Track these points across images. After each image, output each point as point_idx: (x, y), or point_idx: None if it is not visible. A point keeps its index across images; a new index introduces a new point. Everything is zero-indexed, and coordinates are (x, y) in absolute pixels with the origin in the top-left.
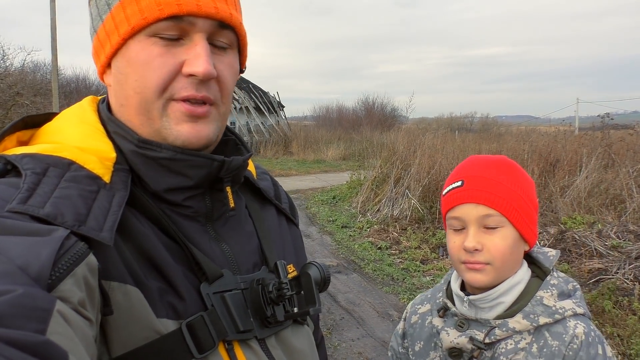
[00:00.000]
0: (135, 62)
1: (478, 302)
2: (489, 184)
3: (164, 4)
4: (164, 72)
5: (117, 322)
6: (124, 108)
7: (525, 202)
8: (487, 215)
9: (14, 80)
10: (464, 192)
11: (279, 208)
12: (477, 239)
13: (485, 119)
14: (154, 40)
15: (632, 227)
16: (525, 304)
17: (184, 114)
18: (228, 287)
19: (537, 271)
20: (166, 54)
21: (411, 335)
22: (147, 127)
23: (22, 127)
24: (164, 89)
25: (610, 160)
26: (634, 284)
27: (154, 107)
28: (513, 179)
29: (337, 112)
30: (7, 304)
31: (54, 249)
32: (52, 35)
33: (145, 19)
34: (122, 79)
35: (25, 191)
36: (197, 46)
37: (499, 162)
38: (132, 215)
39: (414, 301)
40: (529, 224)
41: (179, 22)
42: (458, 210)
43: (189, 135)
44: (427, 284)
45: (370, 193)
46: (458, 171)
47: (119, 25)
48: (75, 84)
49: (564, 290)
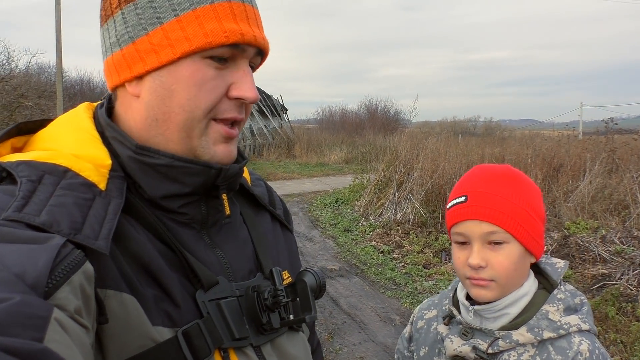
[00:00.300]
0: (188, 82)
1: (483, 312)
2: (492, 199)
3: (230, 32)
4: (216, 94)
5: (112, 330)
6: (159, 123)
7: (530, 216)
8: (492, 232)
9: (19, 82)
10: (468, 209)
11: (273, 214)
12: (482, 255)
13: (488, 123)
14: (208, 62)
15: (636, 232)
16: (531, 316)
17: (222, 135)
18: (223, 295)
19: (544, 282)
20: (218, 77)
21: (417, 339)
22: (184, 143)
23: (16, 134)
24: (211, 110)
25: (614, 165)
26: (637, 290)
27: (199, 126)
28: (517, 192)
29: (340, 115)
30: (4, 312)
31: (50, 257)
32: (57, 37)
33: (209, 43)
34: (166, 95)
35: (20, 199)
36: (244, 72)
37: (503, 175)
38: (127, 222)
39: (421, 306)
40: (534, 238)
41: (235, 49)
42: (462, 226)
43: (222, 156)
44: (429, 289)
45: (373, 197)
46: (462, 185)
47: (174, 42)
48: (80, 86)
49: (570, 305)
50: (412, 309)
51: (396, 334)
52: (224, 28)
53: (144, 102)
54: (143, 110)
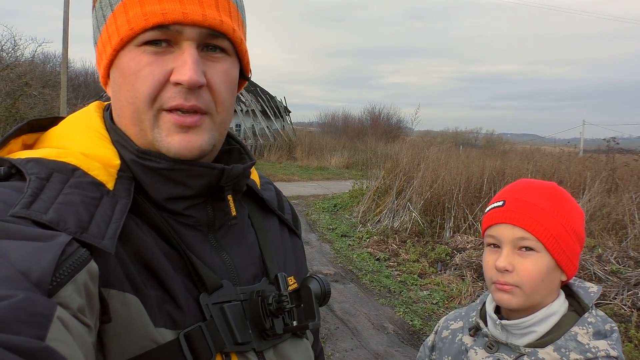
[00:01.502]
0: (126, 72)
1: (510, 328)
2: (529, 207)
3: (150, 14)
4: (153, 80)
5: (114, 331)
6: (120, 119)
7: (566, 232)
8: (522, 238)
9: (24, 70)
10: (503, 213)
11: (282, 219)
12: (509, 259)
13: (490, 136)
14: (144, 49)
15: (632, 253)
16: (558, 336)
17: (174, 125)
18: (227, 298)
19: (575, 305)
20: (154, 63)
21: (440, 349)
22: (141, 138)
23: (28, 131)
24: (153, 99)
25: (613, 184)
26: (631, 311)
27: (146, 117)
28: (557, 207)
29: (343, 120)
30: (7, 309)
31: (55, 255)
32: (64, 28)
33: (132, 29)
34: (117, 90)
35: (29, 196)
36: (184, 54)
37: (546, 188)
38: (133, 223)
39: (447, 316)
40: (567, 255)
41: (166, 31)
42: (495, 229)
43: (179, 146)
44: (423, 298)
45: (371, 203)
46: (503, 192)
47: (111, 37)
48: (84, 77)
49: (600, 330)
50: (405, 318)
51: (389, 342)
52: (145, 11)
53: (112, 100)
54: (113, 108)
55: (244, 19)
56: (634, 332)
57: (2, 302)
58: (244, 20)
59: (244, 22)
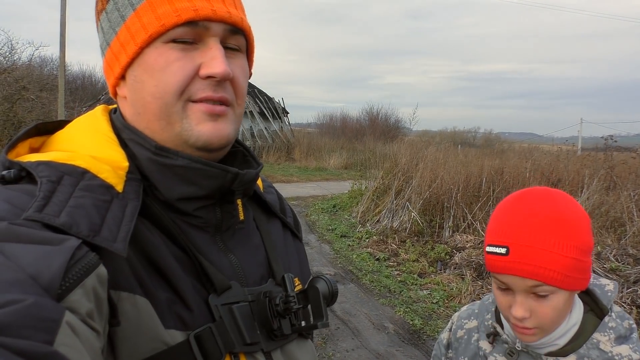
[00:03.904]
0: (153, 68)
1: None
2: (537, 255)
3: (181, 10)
4: (183, 75)
5: (125, 333)
6: (141, 116)
7: (578, 261)
8: (536, 286)
9: (21, 74)
10: (510, 264)
11: (284, 222)
12: (526, 306)
13: (488, 135)
14: (171, 45)
15: (631, 250)
16: (580, 344)
17: (205, 113)
18: (236, 299)
19: (591, 304)
20: (184, 58)
21: (456, 349)
22: (167, 131)
23: (35, 134)
24: (182, 92)
25: (612, 182)
26: (631, 308)
27: (174, 110)
28: (565, 238)
29: (341, 120)
30: (16, 314)
31: (65, 259)
32: (61, 31)
33: (163, 25)
34: (139, 87)
35: (41, 199)
36: (213, 49)
37: (546, 219)
38: (142, 224)
39: (460, 314)
40: (581, 278)
41: (195, 27)
42: (504, 278)
43: (210, 134)
44: (423, 298)
45: (370, 203)
46: (502, 229)
47: (135, 35)
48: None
49: (621, 333)
50: (405, 318)
51: (389, 342)
52: (176, 8)
53: (129, 100)
54: (130, 108)
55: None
56: None
57: (12, 307)
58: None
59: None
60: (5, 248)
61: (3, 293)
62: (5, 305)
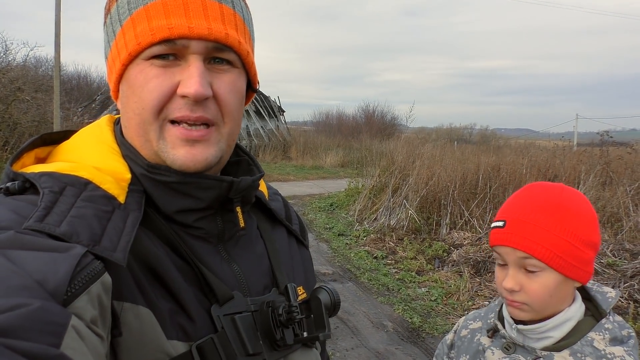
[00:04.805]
0: (134, 85)
1: (526, 332)
2: (529, 228)
3: (156, 29)
4: (160, 92)
5: (128, 343)
6: (127, 130)
7: (572, 245)
8: (526, 258)
9: (16, 75)
10: (504, 235)
11: (289, 229)
12: (516, 280)
13: (484, 131)
14: (152, 62)
15: (628, 245)
16: (575, 341)
17: (179, 138)
18: (238, 309)
19: (592, 310)
20: (162, 75)
21: (459, 347)
22: (146, 148)
23: (41, 144)
24: (159, 110)
25: (608, 178)
26: (628, 303)
27: (151, 128)
28: (561, 222)
29: (337, 118)
30: (23, 317)
31: (71, 266)
32: (55, 31)
33: (139, 44)
34: (125, 102)
35: (42, 209)
36: (190, 67)
37: (547, 201)
38: (145, 235)
39: (467, 316)
40: (576, 266)
41: (173, 45)
42: (500, 250)
43: (185, 159)
44: (422, 296)
45: (367, 202)
46: (505, 208)
47: (120, 51)
48: (77, 81)
49: (617, 336)
50: (404, 315)
51: (389, 340)
52: (152, 27)
53: (121, 113)
54: (122, 122)
55: (251, 31)
56: (632, 323)
57: (18, 311)
58: (252, 32)
59: (251, 34)
60: (13, 255)
61: (10, 297)
62: (12, 309)
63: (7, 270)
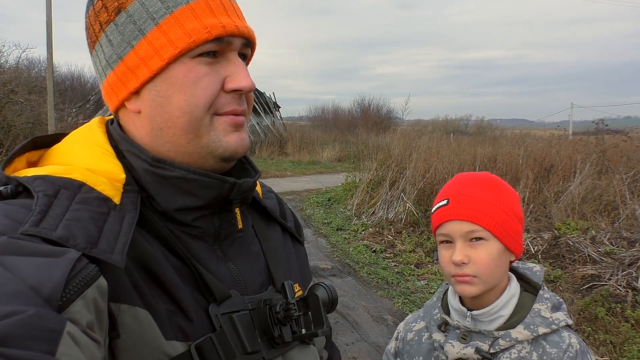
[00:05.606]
0: (182, 83)
1: (480, 317)
2: (472, 201)
3: (211, 27)
4: (213, 89)
5: (126, 345)
6: (164, 131)
7: (508, 216)
8: (472, 231)
9: (9, 77)
10: (449, 210)
11: (284, 226)
12: (464, 252)
13: (480, 122)
14: (199, 60)
15: (625, 233)
16: (523, 316)
17: (230, 125)
18: (236, 308)
19: (525, 286)
20: (211, 73)
21: (408, 352)
22: (193, 144)
23: (32, 148)
24: (210, 106)
25: (604, 166)
26: (627, 291)
27: (202, 123)
28: (496, 195)
29: (333, 113)
30: (18, 325)
31: (66, 271)
32: (47, 32)
33: (194, 42)
34: (164, 102)
35: (37, 213)
36: (236, 63)
37: (482, 180)
38: (140, 236)
39: (406, 320)
40: (513, 237)
41: (220, 43)
42: (445, 227)
43: (236, 144)
44: (421, 288)
45: (365, 196)
46: (445, 190)
47: (160, 50)
48: (70, 82)
49: (555, 304)
50: (404, 309)
51: (389, 334)
52: (204, 24)
53: (146, 115)
54: (147, 123)
55: None
56: (630, 312)
57: (13, 318)
58: None
59: None
60: (6, 260)
61: (4, 305)
62: (6, 316)
63: (1, 276)
